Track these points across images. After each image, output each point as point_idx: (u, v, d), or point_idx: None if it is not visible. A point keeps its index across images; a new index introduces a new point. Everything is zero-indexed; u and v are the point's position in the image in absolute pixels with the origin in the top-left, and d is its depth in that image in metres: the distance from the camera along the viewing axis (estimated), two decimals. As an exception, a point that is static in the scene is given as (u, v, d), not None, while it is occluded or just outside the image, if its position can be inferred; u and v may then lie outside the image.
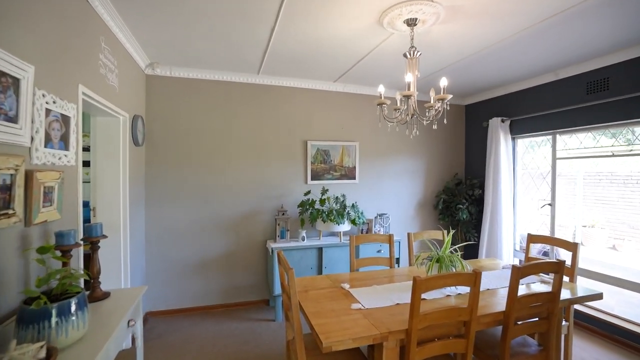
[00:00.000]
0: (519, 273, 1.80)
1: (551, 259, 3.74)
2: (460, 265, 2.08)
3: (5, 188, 1.19)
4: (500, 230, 3.95)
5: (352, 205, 3.75)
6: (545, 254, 4.05)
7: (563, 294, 2.08)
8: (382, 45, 2.77)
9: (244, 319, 3.43)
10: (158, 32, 2.58)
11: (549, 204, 3.75)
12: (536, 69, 3.38)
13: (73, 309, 1.12)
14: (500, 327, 1.93)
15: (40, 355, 0.94)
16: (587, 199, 3.62)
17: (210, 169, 3.60)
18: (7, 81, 1.20)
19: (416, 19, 2.23)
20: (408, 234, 2.86)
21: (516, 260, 4.17)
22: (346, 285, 2.24)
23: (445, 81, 2.15)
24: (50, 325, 1.05)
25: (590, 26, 2.46)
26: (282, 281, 2.11)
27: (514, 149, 4.10)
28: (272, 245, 3.44)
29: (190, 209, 3.54)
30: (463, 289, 2.13)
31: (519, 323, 1.94)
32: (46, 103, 1.45)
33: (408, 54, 2.27)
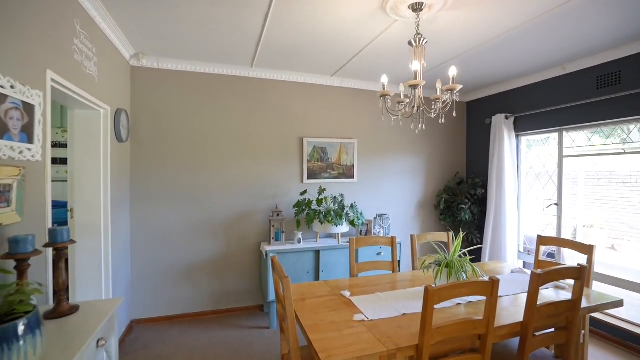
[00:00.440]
0: (539, 280, 1.63)
1: (557, 261, 3.60)
2: (473, 272, 1.90)
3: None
4: (505, 231, 3.80)
5: (351, 205, 3.57)
6: (550, 255, 3.91)
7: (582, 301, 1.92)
8: (384, 34, 2.59)
9: (236, 327, 3.23)
10: (142, 19, 2.38)
11: (555, 204, 3.60)
12: (543, 62, 3.23)
13: (20, 332, 0.92)
14: (515, 339, 1.77)
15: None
16: (586, 198, 3.51)
17: (200, 167, 3.40)
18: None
19: (422, 3, 2.06)
20: (411, 236, 2.69)
21: (520, 263, 4.02)
22: (347, 293, 2.05)
23: (454, 70, 1.98)
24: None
25: (603, 16, 2.31)
26: (277, 289, 1.91)
27: (518, 147, 3.95)
28: (267, 248, 3.25)
29: (179, 210, 3.33)
30: (474, 297, 1.95)
31: (537, 334, 1.77)
32: (0, 87, 1.25)
33: (414, 42, 2.09)
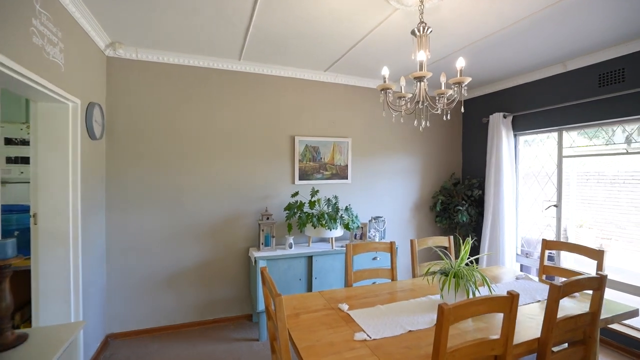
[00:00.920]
0: (559, 293, 1.47)
1: (556, 264, 3.50)
2: (485, 283, 1.74)
3: None
4: (503, 234, 3.68)
5: (346, 208, 3.38)
6: (550, 258, 3.81)
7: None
8: (383, 25, 2.41)
9: (223, 339, 2.99)
10: (117, 5, 2.13)
11: (555, 206, 3.50)
12: (544, 59, 3.11)
13: None
14: (529, 356, 1.61)
15: None
16: (576, 199, 3.47)
17: (184, 168, 3.15)
18: None
19: (427, -12, 1.89)
20: (411, 240, 2.52)
21: (518, 266, 3.91)
22: (344, 306, 1.86)
23: (462, 62, 1.81)
24: None
25: (608, 11, 2.21)
26: (267, 305, 1.71)
27: (516, 147, 3.84)
28: (256, 254, 3.03)
29: (161, 214, 3.08)
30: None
31: (555, 351, 1.61)
32: None
33: (417, 31, 1.92)
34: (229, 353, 2.76)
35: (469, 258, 1.89)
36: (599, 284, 1.62)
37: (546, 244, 2.53)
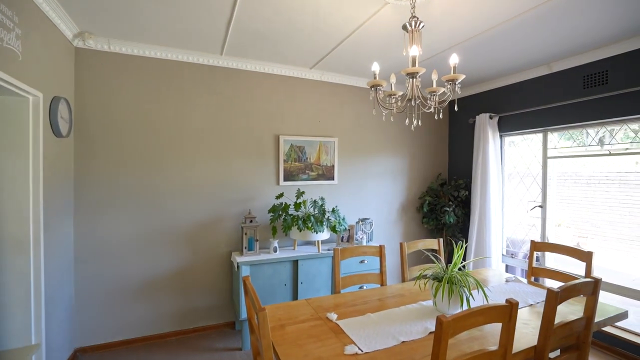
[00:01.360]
0: (556, 299, 1.42)
1: (542, 264, 3.52)
2: (479, 288, 1.67)
3: None
4: (489, 234, 3.68)
5: (333, 210, 3.28)
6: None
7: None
8: (372, 20, 2.32)
9: (203, 349, 2.83)
10: (83, -14, 1.95)
11: (540, 206, 3.52)
12: (530, 60, 3.11)
13: None
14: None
15: None
16: (556, 198, 3.53)
17: (161, 169, 2.96)
18: None
19: (419, -19, 1.81)
20: (401, 244, 2.44)
21: (503, 266, 3.92)
22: (333, 316, 1.76)
23: (456, 58, 1.74)
24: None
25: (592, 13, 2.22)
26: (250, 317, 1.58)
27: (502, 148, 3.85)
28: (238, 259, 2.88)
29: (135, 218, 2.88)
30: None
31: (551, 357, 1.56)
32: None
33: (409, 26, 1.84)
34: (209, 365, 2.61)
35: (462, 263, 1.82)
36: (594, 287, 1.58)
37: (535, 246, 2.51)
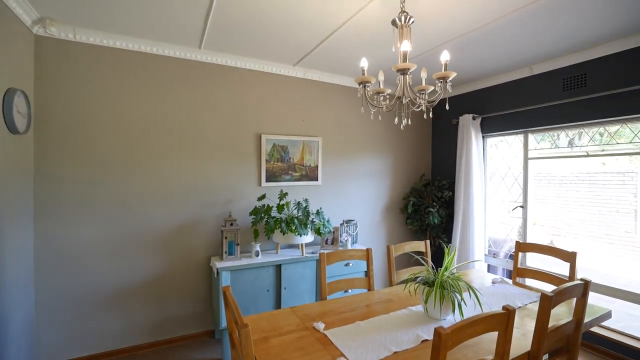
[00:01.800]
0: (550, 303, 1.38)
1: (523, 264, 3.57)
2: (471, 292, 1.62)
3: None
4: (473, 235, 3.69)
5: (317, 212, 3.18)
6: (512, 257, 3.90)
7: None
8: (359, 15, 2.24)
9: (180, 362, 2.66)
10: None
11: (521, 206, 3.57)
12: (512, 62, 3.14)
13: None
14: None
15: None
16: (532, 198, 3.61)
17: (133, 169, 2.76)
18: None
19: (409, -25, 1.74)
20: (388, 247, 2.38)
21: (485, 266, 3.96)
22: (320, 325, 1.65)
23: (447, 55, 1.69)
24: None
25: (571, 19, 2.26)
26: (231, 331, 1.45)
27: (484, 149, 3.88)
28: (218, 265, 2.72)
29: (104, 222, 2.66)
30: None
31: (542, 363, 1.53)
32: None
33: (398, 21, 1.77)
34: (186, 378, 2.44)
35: (454, 267, 1.76)
36: (584, 290, 1.56)
37: (520, 247, 2.51)
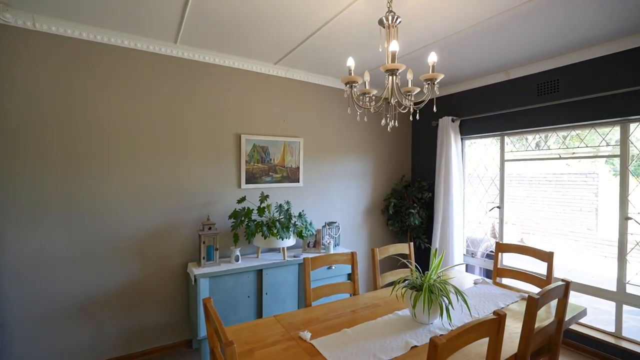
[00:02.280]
0: (536, 305, 1.39)
1: (500, 262, 3.67)
2: (461, 298, 1.61)
3: None
4: (452, 235, 3.76)
5: (299, 214, 3.11)
6: (489, 256, 4.01)
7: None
8: (344, 13, 2.19)
9: (154, 375, 2.50)
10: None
11: (498, 207, 3.67)
12: (490, 66, 3.22)
13: None
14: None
15: None
16: (505, 198, 3.69)
17: (102, 170, 2.57)
18: None
19: (396, -26, 1.71)
20: (372, 250, 2.35)
21: (463, 266, 4.04)
22: (306, 335, 1.59)
23: (434, 57, 1.68)
24: None
25: (544, 27, 2.36)
26: (212, 346, 1.36)
27: (463, 150, 3.97)
28: (196, 271, 2.59)
29: (70, 228, 2.46)
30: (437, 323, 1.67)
31: (527, 365, 1.55)
32: None
33: (385, 20, 1.74)
34: (161, 393, 2.30)
35: (441, 270, 1.75)
36: (565, 290, 1.60)
37: (499, 247, 2.56)
